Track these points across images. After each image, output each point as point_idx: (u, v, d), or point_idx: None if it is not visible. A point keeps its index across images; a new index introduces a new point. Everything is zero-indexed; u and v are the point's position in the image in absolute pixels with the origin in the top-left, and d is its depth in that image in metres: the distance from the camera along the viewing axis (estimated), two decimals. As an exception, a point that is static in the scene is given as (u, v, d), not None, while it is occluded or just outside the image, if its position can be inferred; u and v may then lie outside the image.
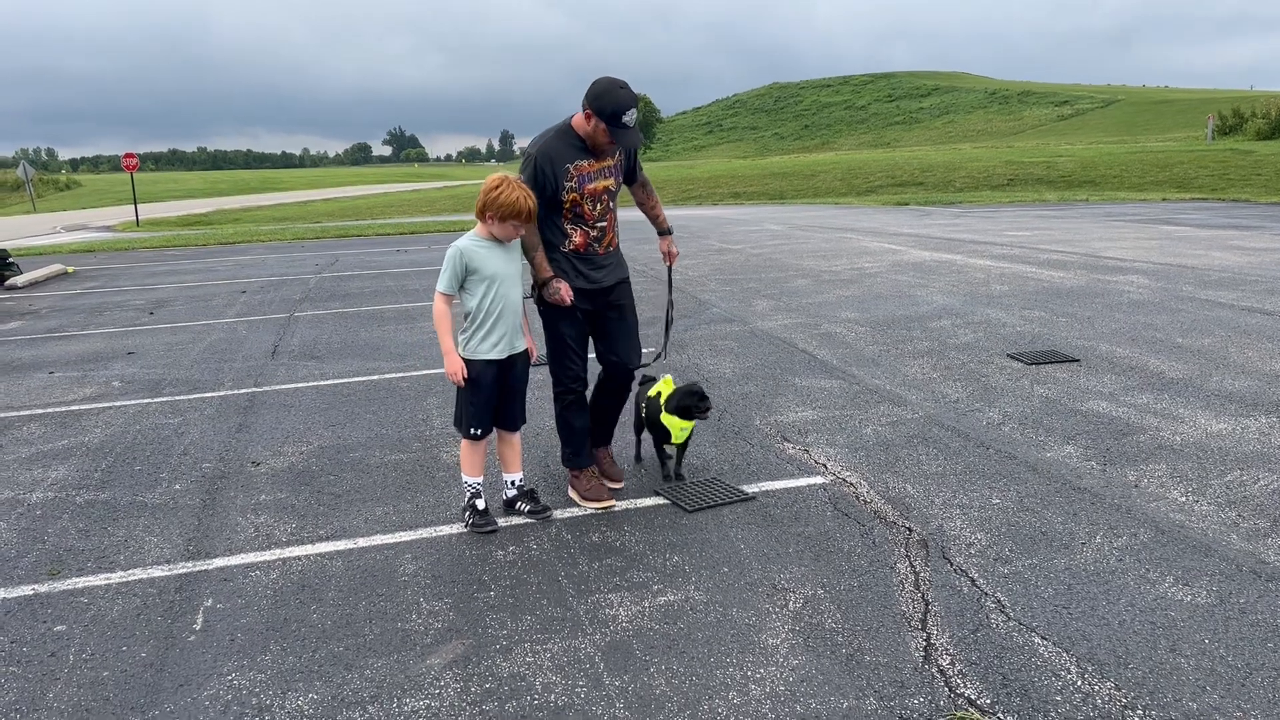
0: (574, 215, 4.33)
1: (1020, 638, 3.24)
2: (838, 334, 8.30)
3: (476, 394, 4.20)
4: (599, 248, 4.42)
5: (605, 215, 4.40)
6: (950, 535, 4.09)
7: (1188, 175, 29.46)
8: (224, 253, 19.28)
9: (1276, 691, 2.89)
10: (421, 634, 3.44)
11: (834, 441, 5.40)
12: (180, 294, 12.71)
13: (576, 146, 4.25)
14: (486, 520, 4.31)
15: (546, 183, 4.21)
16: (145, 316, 10.85)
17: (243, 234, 23.40)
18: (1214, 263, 11.92)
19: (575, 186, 4.25)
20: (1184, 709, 2.81)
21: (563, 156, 4.22)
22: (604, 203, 4.38)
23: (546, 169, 4.20)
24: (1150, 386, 6.23)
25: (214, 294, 12.58)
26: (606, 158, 4.34)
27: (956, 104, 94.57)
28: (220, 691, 3.12)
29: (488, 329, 4.14)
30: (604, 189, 4.35)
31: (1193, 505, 4.31)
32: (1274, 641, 3.16)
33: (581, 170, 4.26)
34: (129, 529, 4.53)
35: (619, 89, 4.12)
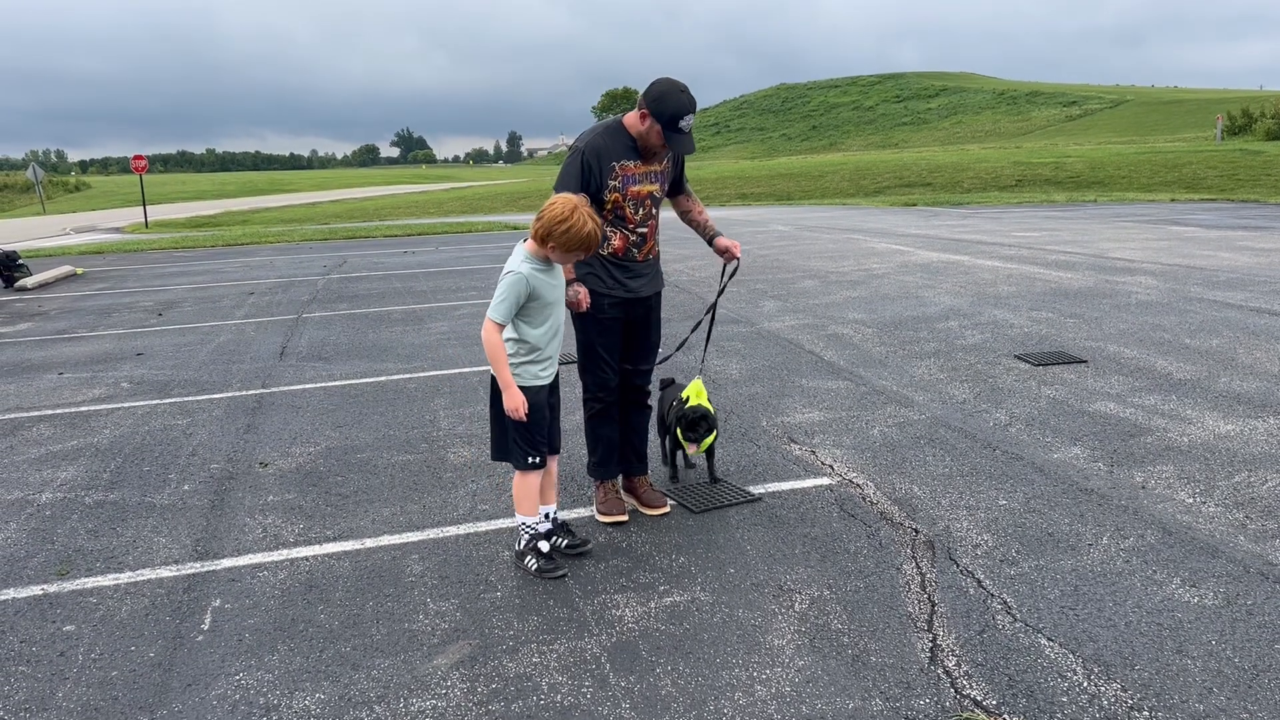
0: (615, 217, 4.18)
1: (1026, 639, 3.24)
2: (845, 335, 8.29)
3: (531, 422, 3.84)
4: (638, 254, 4.27)
5: (647, 221, 4.26)
6: (957, 536, 4.08)
7: (1197, 176, 29.36)
8: (232, 254, 19.35)
9: (1284, 693, 2.88)
10: (428, 634, 3.45)
11: (840, 443, 5.40)
12: (189, 295, 12.76)
13: (627, 145, 4.11)
14: (555, 564, 3.91)
15: (591, 179, 4.06)
16: (154, 318, 10.89)
17: (250, 235, 23.48)
18: (1222, 263, 11.88)
19: (619, 186, 4.12)
20: (1190, 710, 2.81)
21: (610, 154, 4.09)
22: (647, 208, 4.24)
23: (593, 163, 4.06)
24: (1158, 388, 6.22)
25: (222, 295, 12.63)
26: (655, 162, 4.21)
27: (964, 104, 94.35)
28: (228, 691, 3.13)
29: (542, 356, 3.87)
30: (648, 194, 4.22)
31: (1200, 506, 4.30)
32: (1275, 642, 3.16)
33: (628, 171, 4.13)
34: (137, 529, 4.55)
35: (680, 93, 3.97)
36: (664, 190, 4.36)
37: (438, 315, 10.28)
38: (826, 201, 31.17)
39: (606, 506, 4.44)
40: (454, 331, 9.22)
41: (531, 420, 3.83)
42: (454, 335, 9.03)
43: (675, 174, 4.42)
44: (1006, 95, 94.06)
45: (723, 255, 4.47)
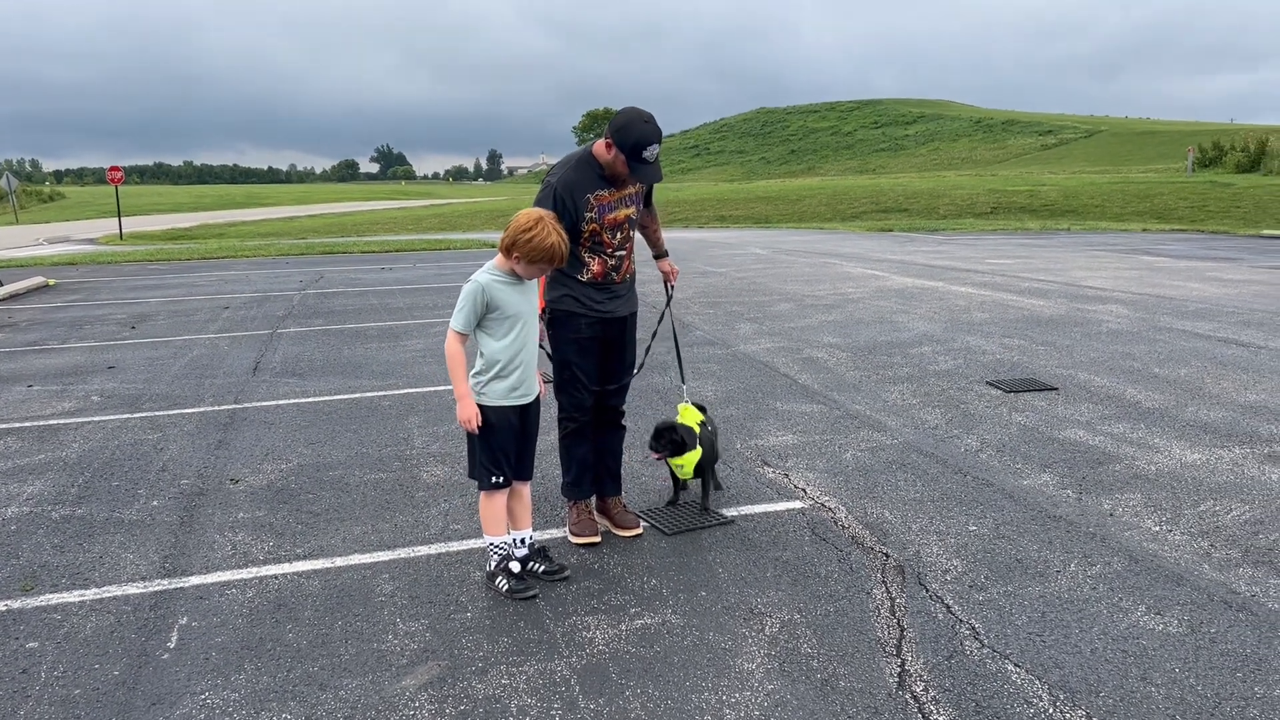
0: (593, 244, 4.24)
1: (994, 665, 3.27)
2: (819, 359, 8.34)
3: (494, 441, 3.85)
4: (616, 276, 4.33)
5: (625, 244, 4.32)
6: (927, 562, 4.11)
7: (1168, 206, 29.79)
8: (207, 268, 19.23)
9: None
10: (397, 655, 3.43)
11: (814, 466, 5.42)
12: (162, 309, 12.67)
13: (596, 176, 4.16)
14: (526, 585, 3.89)
15: (566, 214, 4.08)
16: (127, 331, 10.80)
17: (227, 249, 23.34)
18: (1192, 294, 12.05)
19: (595, 217, 4.17)
20: (1154, 738, 2.84)
21: (583, 187, 4.13)
22: (624, 231, 4.31)
23: (567, 200, 4.10)
24: (1127, 416, 6.30)
25: (197, 309, 12.54)
26: (627, 187, 4.26)
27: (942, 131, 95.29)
28: (193, 711, 3.10)
29: (507, 373, 3.82)
30: (625, 218, 4.29)
31: (1166, 534, 4.36)
32: (1243, 671, 3.20)
33: (602, 200, 4.18)
34: (105, 545, 4.50)
35: (643, 123, 4.00)
36: (639, 210, 4.41)
37: (414, 332, 10.25)
38: (804, 225, 31.36)
39: (579, 528, 4.43)
40: (430, 349, 9.20)
41: (495, 440, 3.84)
42: (430, 353, 9.00)
43: (647, 191, 4.51)
44: (983, 123, 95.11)
45: (663, 272, 4.72)
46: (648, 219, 4.68)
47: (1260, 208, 27.52)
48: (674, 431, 4.50)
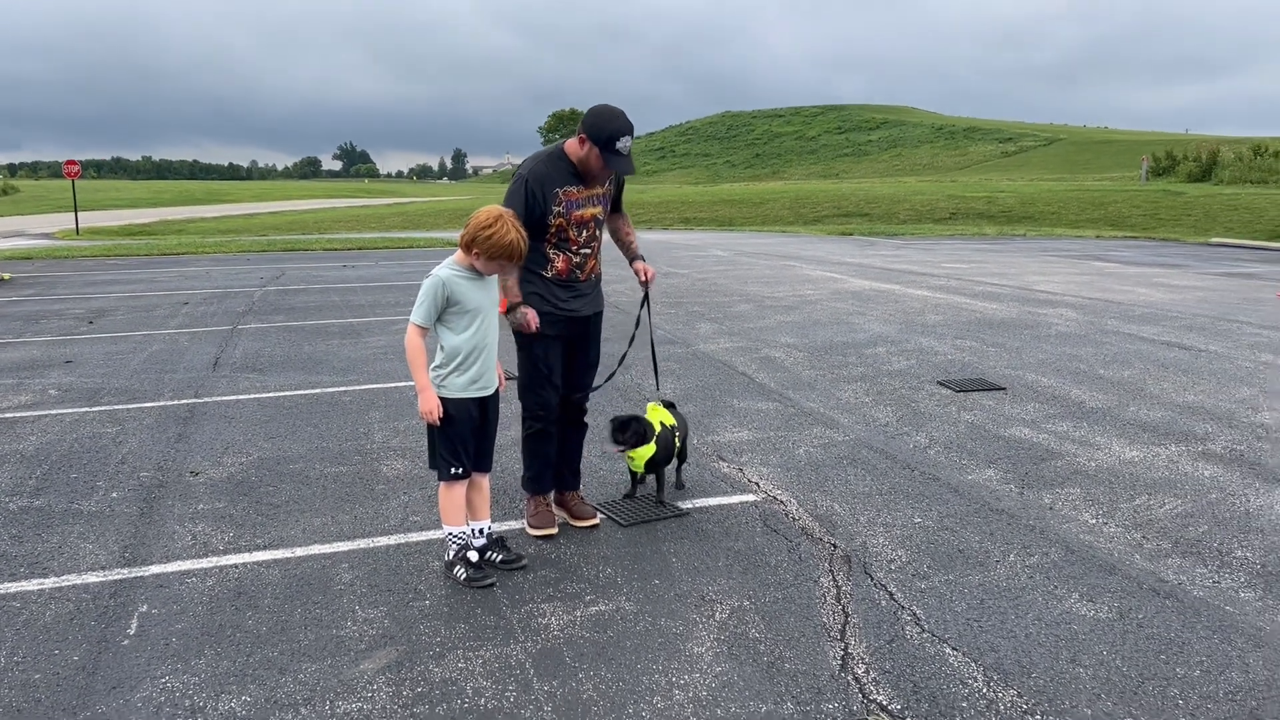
0: (558, 240, 4.30)
1: (932, 648, 3.41)
2: (776, 358, 8.50)
3: (453, 432, 3.92)
4: (580, 274, 4.39)
5: (590, 243, 4.39)
6: (873, 552, 4.26)
7: (1121, 214, 30.40)
8: (167, 263, 19.05)
9: (1165, 700, 3.08)
10: (356, 640, 3.51)
11: (767, 461, 5.56)
12: (121, 304, 12.57)
13: (568, 172, 4.25)
14: (483, 574, 3.97)
15: (535, 206, 4.18)
16: (84, 325, 10.72)
17: (187, 245, 23.12)
18: (1139, 298, 12.38)
19: (563, 212, 4.24)
20: (1079, 715, 2.99)
21: (553, 181, 4.21)
22: (590, 230, 4.37)
23: (537, 191, 4.18)
24: (1070, 415, 6.50)
25: (156, 305, 12.46)
26: (597, 185, 4.34)
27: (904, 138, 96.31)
28: (153, 694, 3.16)
29: (467, 366, 3.90)
30: (591, 217, 4.36)
31: (1101, 527, 4.54)
32: (1167, 654, 3.36)
33: (570, 196, 4.25)
34: (63, 536, 4.53)
35: (615, 116, 4.13)
36: (606, 212, 4.49)
37: (375, 329, 10.28)
38: (767, 228, 31.63)
39: (538, 520, 4.51)
40: (391, 345, 9.24)
41: (455, 431, 3.90)
42: (391, 349, 9.04)
43: (615, 194, 4.56)
44: (945, 130, 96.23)
45: (638, 276, 4.66)
46: (620, 223, 4.73)
47: (1209, 216, 28.17)
48: (638, 423, 4.59)
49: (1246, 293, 13.26)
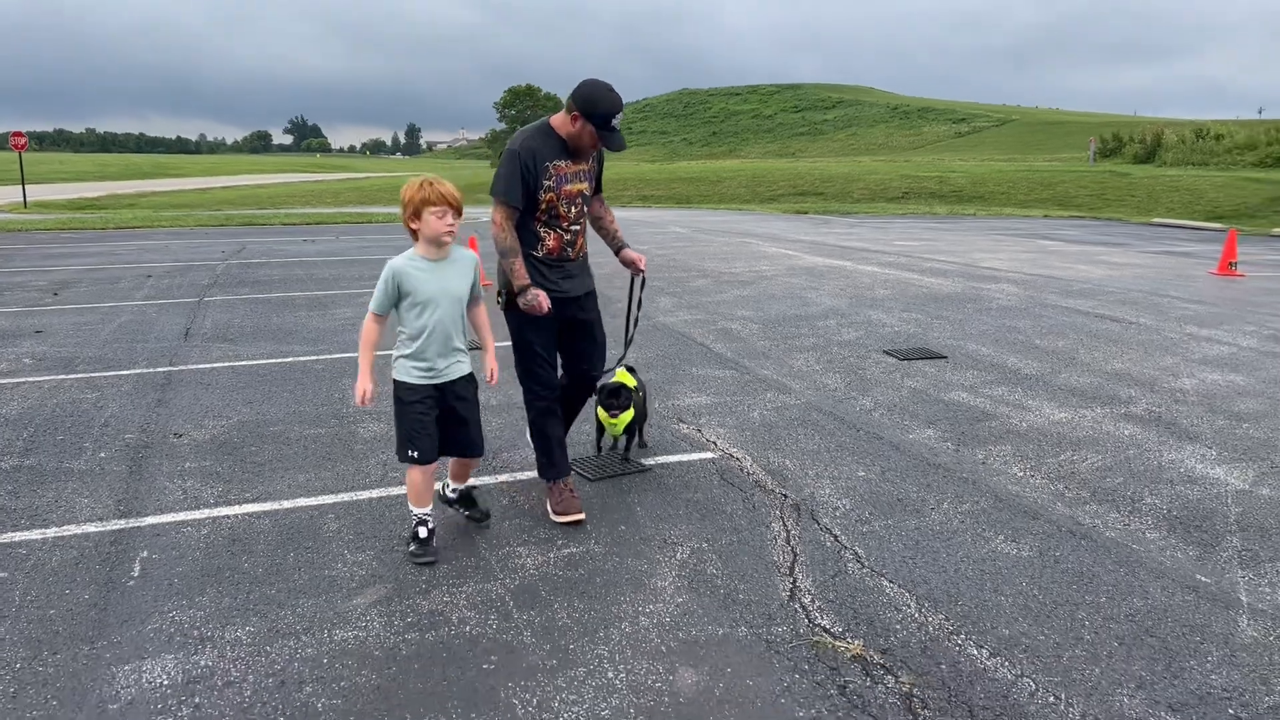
0: (549, 217, 4.29)
1: (871, 581, 3.80)
2: (733, 330, 8.87)
3: (406, 415, 3.94)
4: (571, 252, 4.40)
5: (579, 219, 4.39)
6: (820, 501, 4.64)
7: (1069, 194, 31.17)
8: (123, 237, 18.97)
9: (1072, 621, 3.49)
10: (347, 580, 3.82)
11: (724, 423, 5.92)
12: (84, 276, 12.62)
13: (556, 146, 4.23)
14: (426, 551, 4.00)
15: (528, 178, 4.16)
16: (49, 297, 10.80)
17: (142, 219, 22.97)
18: (1079, 275, 12.93)
19: (554, 186, 4.23)
20: (998, 634, 3.40)
21: (544, 154, 4.20)
22: (579, 206, 4.36)
23: (530, 164, 4.16)
24: (1006, 381, 6.95)
25: (119, 277, 12.53)
26: (584, 161, 4.35)
27: (860, 117, 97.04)
28: (163, 626, 3.45)
29: (419, 353, 3.91)
30: (579, 192, 4.35)
31: (1028, 479, 4.96)
32: (1078, 585, 3.78)
33: (560, 170, 4.24)
34: (58, 491, 4.77)
35: (609, 92, 4.14)
36: (591, 189, 4.49)
37: (341, 302, 10.50)
38: (724, 206, 31.99)
39: (562, 506, 4.41)
40: (358, 317, 9.47)
41: (407, 415, 3.93)
42: (359, 320, 9.24)
43: (598, 172, 4.55)
44: (900, 110, 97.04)
45: (628, 267, 4.65)
46: (602, 211, 4.69)
47: (1153, 197, 29.01)
48: (626, 391, 4.83)
49: (1181, 270, 13.88)
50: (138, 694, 3.02)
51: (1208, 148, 37.49)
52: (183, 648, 3.30)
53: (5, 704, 2.95)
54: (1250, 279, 12.86)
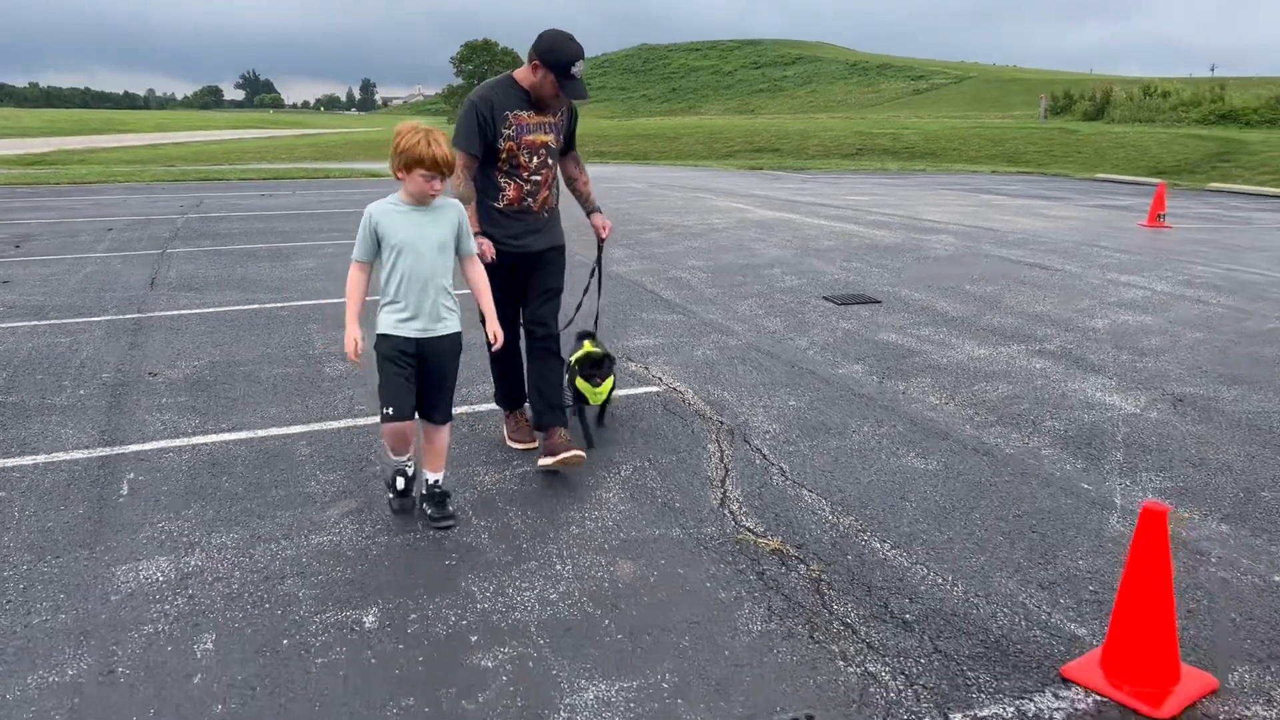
0: (510, 166, 4.33)
1: (793, 491, 4.26)
2: (683, 278, 9.28)
3: (382, 372, 3.85)
4: (533, 203, 4.41)
5: (541, 170, 4.39)
6: (752, 426, 5.09)
7: (1018, 151, 31.81)
8: (79, 192, 18.91)
9: (969, 521, 3.98)
10: (320, 495, 4.21)
11: (670, 361, 6.35)
12: (44, 230, 12.71)
13: (518, 97, 4.27)
14: (405, 501, 4.05)
15: (485, 129, 4.22)
16: (11, 250, 10.94)
17: (97, 175, 22.82)
18: (1015, 227, 13.48)
19: (513, 135, 4.26)
20: (900, 532, 3.87)
21: (503, 105, 4.24)
22: (541, 157, 4.37)
23: (486, 114, 4.21)
24: (933, 322, 7.44)
25: (79, 231, 12.64)
26: (549, 113, 4.36)
27: (819, 74, 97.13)
28: (154, 534, 3.83)
29: (394, 301, 3.81)
30: (542, 143, 4.36)
31: (943, 406, 5.45)
32: (975, 492, 4.27)
33: (521, 120, 4.28)
34: (43, 424, 5.10)
35: (569, 41, 4.17)
36: (559, 143, 4.49)
37: (303, 253, 10.75)
38: (681, 163, 32.25)
39: (519, 435, 4.71)
40: (320, 268, 9.75)
41: (384, 369, 3.84)
42: (321, 271, 9.57)
43: (569, 128, 4.57)
44: (859, 67, 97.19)
45: (596, 231, 4.77)
46: (576, 172, 4.73)
47: (1099, 153, 29.73)
48: (609, 361, 4.79)
49: (1114, 222, 14.48)
50: (136, 587, 3.41)
51: (1155, 105, 38.29)
52: (173, 551, 3.68)
53: (17, 598, 3.32)
54: (1177, 230, 13.49)
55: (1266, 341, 6.93)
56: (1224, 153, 26.99)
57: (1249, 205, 18.40)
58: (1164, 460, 4.67)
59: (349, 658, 2.99)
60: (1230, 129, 32.31)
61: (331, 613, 3.25)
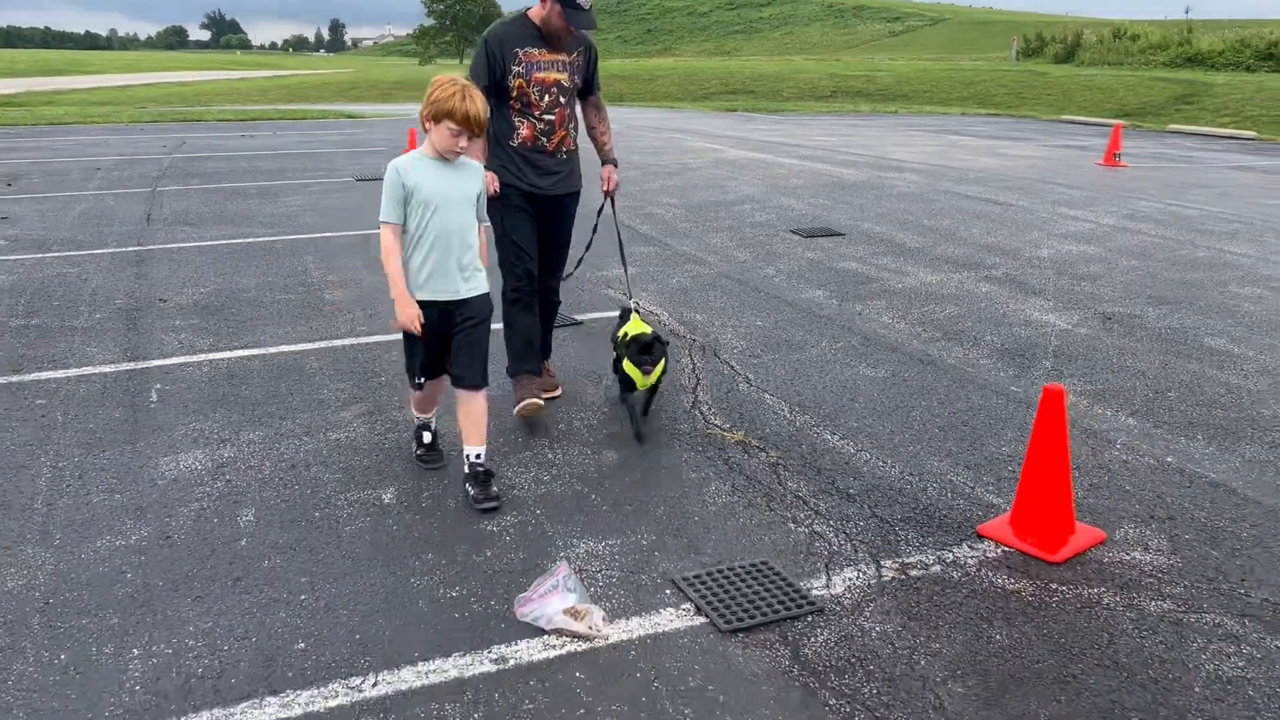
0: (521, 105, 4.29)
1: (756, 395, 4.79)
2: (658, 214, 9.73)
3: (409, 338, 3.67)
4: (548, 143, 4.36)
5: (554, 109, 4.32)
6: (722, 343, 5.61)
7: (989, 93, 32.20)
8: (57, 133, 18.97)
9: (910, 417, 4.53)
10: (333, 400, 4.70)
11: (646, 288, 6.84)
12: (32, 169, 12.94)
13: (530, 34, 4.24)
14: (433, 455, 3.99)
15: (495, 66, 4.19)
16: (4, 188, 11.20)
17: (74, 115, 22.78)
18: (977, 165, 13.98)
19: (523, 72, 4.22)
20: (849, 426, 4.41)
21: (512, 41, 4.21)
22: (554, 96, 4.31)
23: (495, 51, 4.20)
24: (891, 253, 7.96)
25: (67, 170, 12.88)
26: (562, 51, 4.31)
27: (795, 15, 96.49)
28: (188, 432, 4.31)
29: (423, 262, 3.58)
30: (554, 81, 4.29)
31: (894, 325, 5.99)
32: (917, 394, 4.82)
33: (531, 57, 4.23)
34: (69, 343, 5.53)
35: None
36: (574, 83, 4.40)
37: (291, 191, 11.09)
38: (656, 104, 32.40)
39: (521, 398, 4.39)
40: (309, 204, 10.12)
41: (409, 338, 3.67)
42: (309, 208, 9.94)
43: (588, 73, 4.48)
44: (834, 8, 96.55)
45: (602, 184, 4.73)
46: (595, 120, 4.68)
47: (1067, 95, 30.16)
48: (658, 345, 4.26)
49: (1072, 161, 15.01)
50: (178, 474, 3.89)
51: (1124, 48, 38.65)
52: (207, 446, 4.17)
53: (76, 484, 3.80)
54: (1131, 169, 14.04)
55: (1194, 268, 7.50)
56: (1188, 95, 27.51)
57: (1201, 145, 18.98)
58: (1088, 367, 5.23)
59: (373, 525, 3.50)
60: (1196, 71, 32.77)
61: (354, 492, 3.75)
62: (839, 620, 2.94)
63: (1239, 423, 4.51)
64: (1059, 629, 2.91)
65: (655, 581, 3.15)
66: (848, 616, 2.96)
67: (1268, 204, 10.86)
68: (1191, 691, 2.64)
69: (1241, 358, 5.41)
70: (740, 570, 3.21)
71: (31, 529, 3.44)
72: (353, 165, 13.56)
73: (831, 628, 2.90)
